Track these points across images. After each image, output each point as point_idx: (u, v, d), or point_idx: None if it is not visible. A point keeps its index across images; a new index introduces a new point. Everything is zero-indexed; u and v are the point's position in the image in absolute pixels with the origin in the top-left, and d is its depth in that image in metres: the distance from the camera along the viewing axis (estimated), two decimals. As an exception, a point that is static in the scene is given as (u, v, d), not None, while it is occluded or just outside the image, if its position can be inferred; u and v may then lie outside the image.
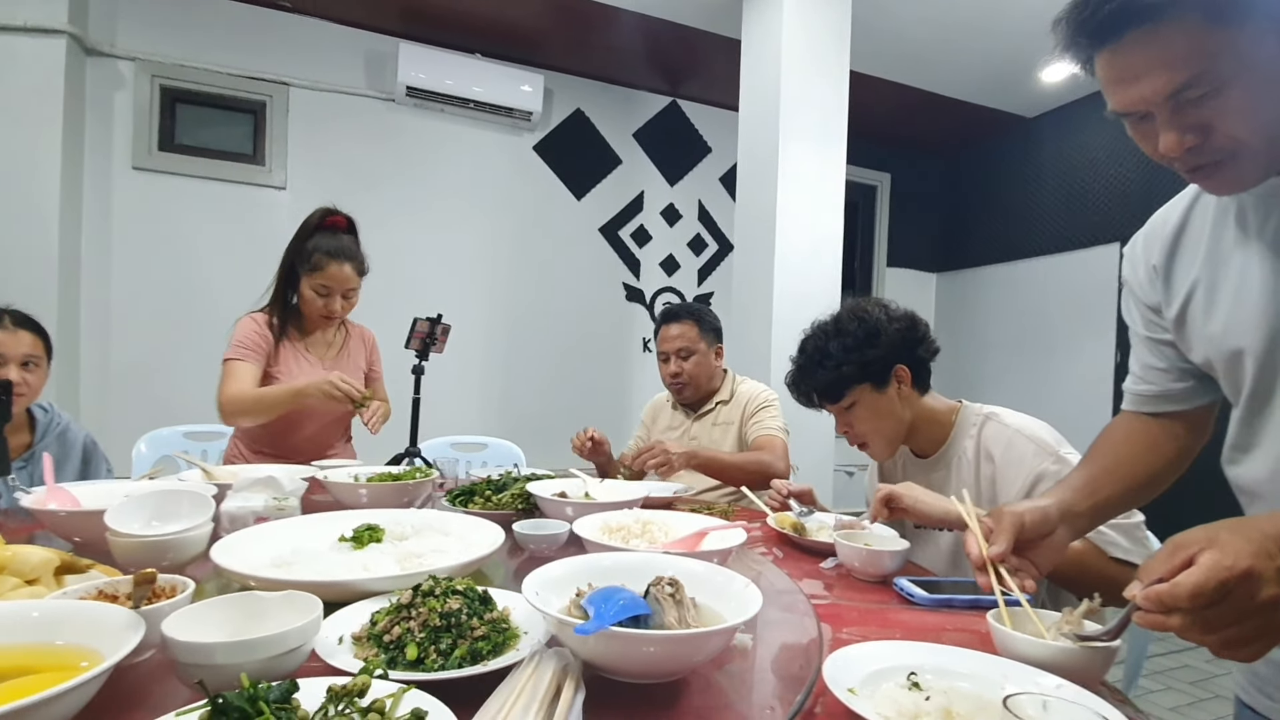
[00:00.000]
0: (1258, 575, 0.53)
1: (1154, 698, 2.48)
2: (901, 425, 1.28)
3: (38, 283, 2.74)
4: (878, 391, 1.26)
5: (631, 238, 4.25)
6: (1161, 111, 0.63)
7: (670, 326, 1.98)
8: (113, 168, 3.10)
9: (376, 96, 3.57)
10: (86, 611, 0.60)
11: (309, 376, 1.69)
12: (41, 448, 1.49)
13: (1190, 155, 0.64)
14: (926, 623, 0.88)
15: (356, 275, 1.76)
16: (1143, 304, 0.86)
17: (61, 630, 0.58)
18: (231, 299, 3.30)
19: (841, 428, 1.33)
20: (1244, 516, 0.59)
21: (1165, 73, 0.60)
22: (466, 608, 0.66)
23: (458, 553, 0.90)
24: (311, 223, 1.77)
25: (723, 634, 0.61)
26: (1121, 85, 0.64)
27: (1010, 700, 0.50)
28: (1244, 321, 0.72)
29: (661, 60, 3.87)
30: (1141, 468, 0.87)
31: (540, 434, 3.82)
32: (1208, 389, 0.85)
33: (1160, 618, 0.55)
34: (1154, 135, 0.65)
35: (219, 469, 1.43)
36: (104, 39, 3.05)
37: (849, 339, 1.26)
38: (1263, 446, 0.74)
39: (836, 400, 1.29)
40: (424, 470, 1.42)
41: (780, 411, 1.94)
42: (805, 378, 1.32)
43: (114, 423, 2.98)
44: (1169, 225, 0.81)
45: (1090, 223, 4.17)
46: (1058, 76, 3.93)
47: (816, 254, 2.93)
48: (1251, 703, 0.81)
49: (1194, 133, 0.62)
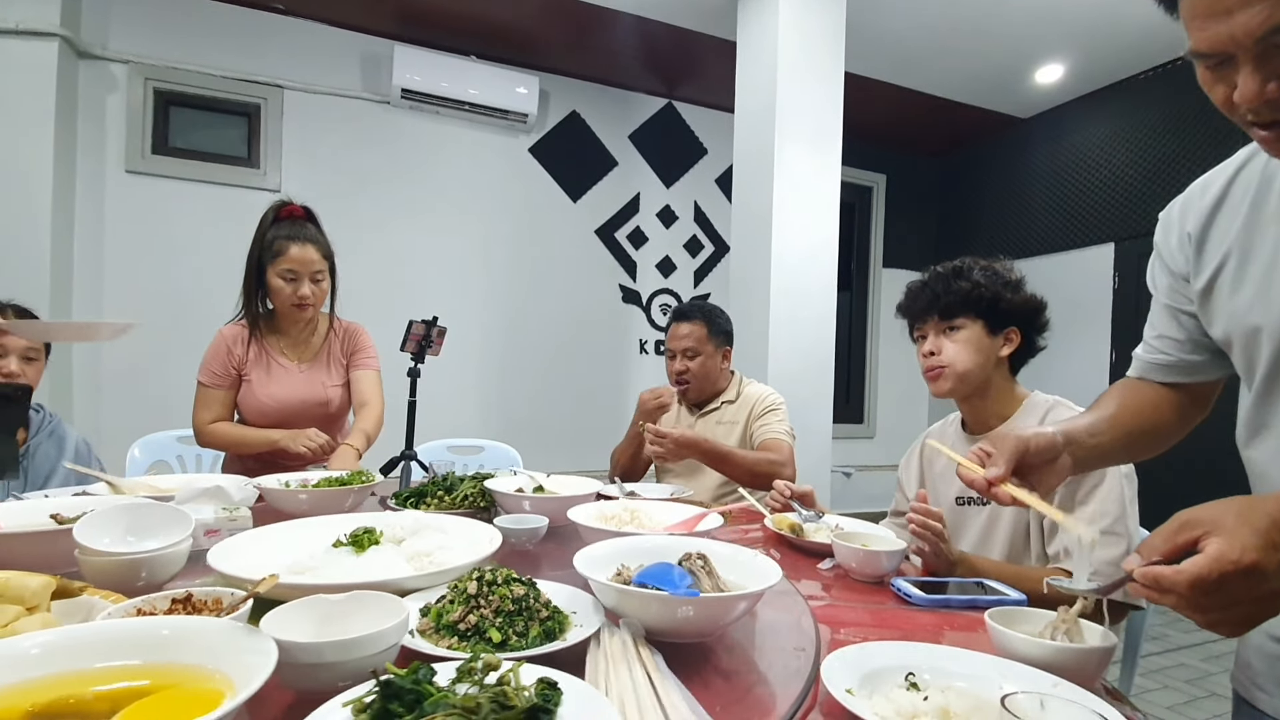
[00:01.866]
0: (1262, 570, 0.52)
1: (1151, 696, 2.49)
2: (982, 375, 1.28)
3: (30, 287, 2.72)
4: (986, 333, 1.28)
5: (628, 239, 4.25)
6: (1247, 55, 0.58)
7: (680, 325, 1.99)
8: (106, 171, 3.08)
9: (371, 99, 3.56)
10: (212, 629, 0.57)
11: (280, 382, 1.75)
12: (34, 445, 1.48)
13: (1266, 108, 0.59)
14: (924, 623, 0.87)
15: (321, 258, 1.72)
16: (1170, 271, 0.84)
17: (185, 649, 0.55)
18: (226, 303, 3.27)
19: (927, 349, 1.32)
20: (1253, 497, 0.58)
21: (1265, 9, 0.55)
22: (530, 593, 0.71)
23: (463, 549, 0.90)
24: (268, 218, 1.74)
25: (757, 594, 0.73)
26: (1211, 20, 0.58)
27: (1008, 700, 0.50)
28: (1269, 297, 0.70)
29: (657, 62, 3.88)
30: (1144, 421, 0.87)
31: (537, 436, 3.82)
32: (1217, 365, 0.84)
33: (1155, 595, 0.56)
34: (1229, 81, 0.60)
35: (157, 480, 1.34)
36: (96, 41, 3.04)
37: (993, 274, 1.29)
38: (1274, 429, 0.73)
39: (951, 316, 1.29)
40: (367, 475, 1.36)
41: (787, 415, 1.94)
42: (937, 281, 1.31)
43: (108, 427, 2.97)
44: (1209, 194, 0.79)
45: (1085, 223, 4.19)
46: (1052, 78, 3.95)
47: (813, 255, 2.94)
48: (1248, 697, 0.81)
49: (1277, 81, 0.58)
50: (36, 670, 0.51)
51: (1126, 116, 3.95)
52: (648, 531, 1.03)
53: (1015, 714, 0.47)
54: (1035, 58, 3.76)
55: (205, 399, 1.73)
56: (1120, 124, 3.99)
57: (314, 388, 1.79)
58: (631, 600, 0.70)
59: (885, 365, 5.09)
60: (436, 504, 1.28)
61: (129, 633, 0.56)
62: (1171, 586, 0.54)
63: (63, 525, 0.90)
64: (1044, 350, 1.35)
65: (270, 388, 1.74)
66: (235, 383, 1.75)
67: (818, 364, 2.97)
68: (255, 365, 1.75)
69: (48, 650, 0.53)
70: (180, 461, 2.05)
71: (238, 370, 1.75)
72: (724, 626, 0.75)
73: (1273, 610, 0.56)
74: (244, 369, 1.75)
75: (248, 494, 1.04)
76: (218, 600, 0.67)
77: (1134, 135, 3.91)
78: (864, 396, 5.09)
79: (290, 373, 1.78)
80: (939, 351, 1.30)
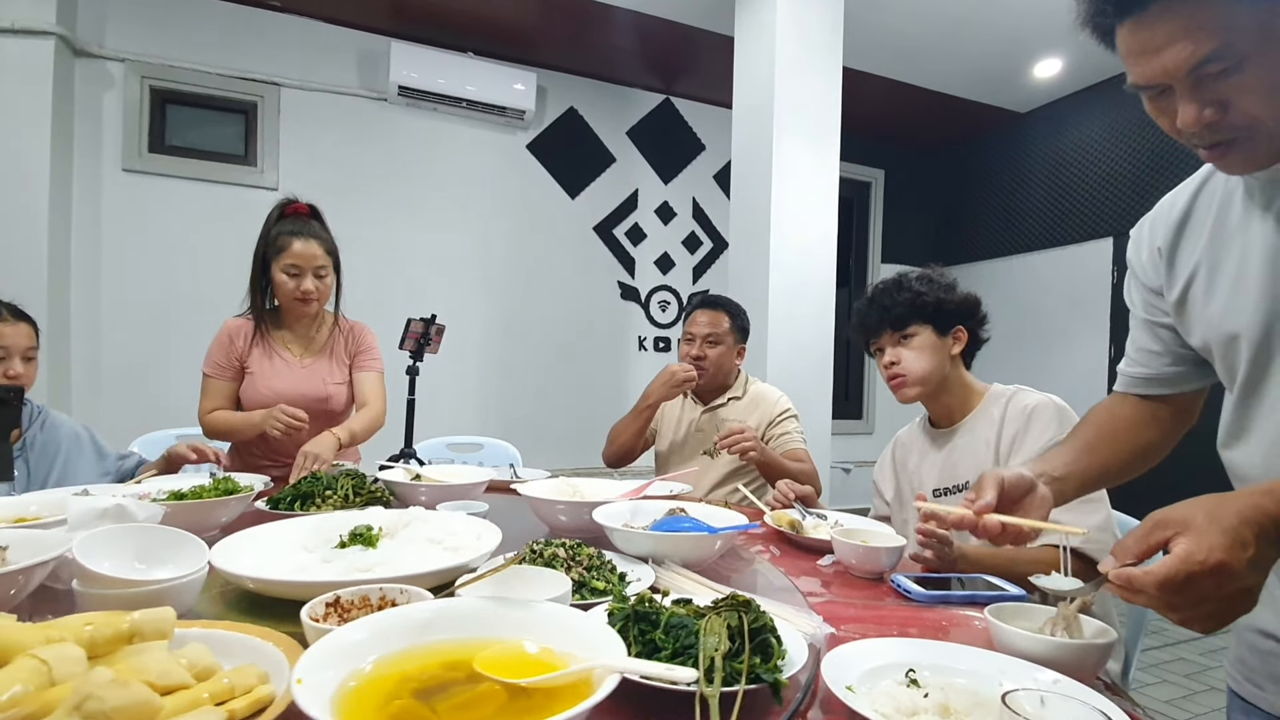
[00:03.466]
0: (1229, 569, 0.54)
1: (1149, 690, 2.50)
2: (940, 375, 1.37)
3: (27, 286, 2.71)
4: (936, 336, 1.38)
5: (626, 236, 4.25)
6: (1182, 85, 0.63)
7: (704, 312, 2.00)
8: (102, 170, 3.07)
9: (369, 96, 3.55)
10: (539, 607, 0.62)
11: (281, 375, 1.78)
12: (28, 439, 1.48)
13: (1208, 131, 0.64)
14: (923, 619, 0.88)
15: (324, 253, 1.76)
16: (1144, 287, 0.87)
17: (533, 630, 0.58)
18: (224, 301, 3.27)
19: (886, 360, 1.40)
20: (1224, 494, 0.60)
21: (1189, 45, 0.60)
22: (595, 555, 0.88)
23: (478, 535, 0.93)
24: (274, 215, 1.79)
25: (751, 527, 1.04)
26: (1144, 57, 0.64)
27: (1009, 697, 0.50)
28: (1242, 305, 0.73)
29: (655, 58, 3.87)
30: (1122, 446, 0.89)
31: (536, 433, 3.82)
32: (1199, 374, 0.86)
33: (1128, 594, 0.58)
34: (1172, 110, 0.66)
35: (43, 495, 1.10)
36: (92, 39, 3.03)
37: (931, 282, 1.40)
38: (1255, 433, 0.75)
39: (901, 327, 1.38)
40: (227, 483, 1.20)
41: (800, 423, 1.96)
42: (882, 296, 1.40)
43: (107, 426, 2.94)
44: (1175, 209, 0.82)
45: (1083, 217, 4.19)
46: (1050, 71, 3.95)
47: (811, 251, 2.93)
48: (1241, 692, 0.82)
49: (1213, 107, 0.63)
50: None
51: (1125, 110, 3.94)
52: (600, 500, 1.16)
53: (1016, 710, 0.47)
54: (1033, 52, 3.75)
55: (207, 389, 1.78)
56: (1119, 118, 3.98)
57: (315, 383, 1.81)
58: (683, 543, 0.95)
59: (884, 361, 5.09)
60: (323, 504, 1.21)
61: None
62: (1142, 587, 0.56)
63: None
64: (988, 341, 1.45)
65: (271, 380, 1.77)
66: (237, 374, 1.78)
67: (817, 360, 2.97)
68: (258, 358, 1.78)
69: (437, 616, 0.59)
70: (180, 461, 2.05)
71: (240, 362, 1.78)
72: (712, 556, 1.00)
73: (1245, 606, 0.57)
74: (246, 361, 1.78)
75: (152, 512, 0.89)
76: (365, 598, 0.66)
77: (1133, 129, 3.90)
78: (863, 392, 5.10)
79: (292, 367, 1.81)
80: (899, 360, 1.39)
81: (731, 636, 0.60)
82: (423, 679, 0.51)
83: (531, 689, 0.49)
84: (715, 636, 0.59)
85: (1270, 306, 0.70)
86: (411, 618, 0.58)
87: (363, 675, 0.50)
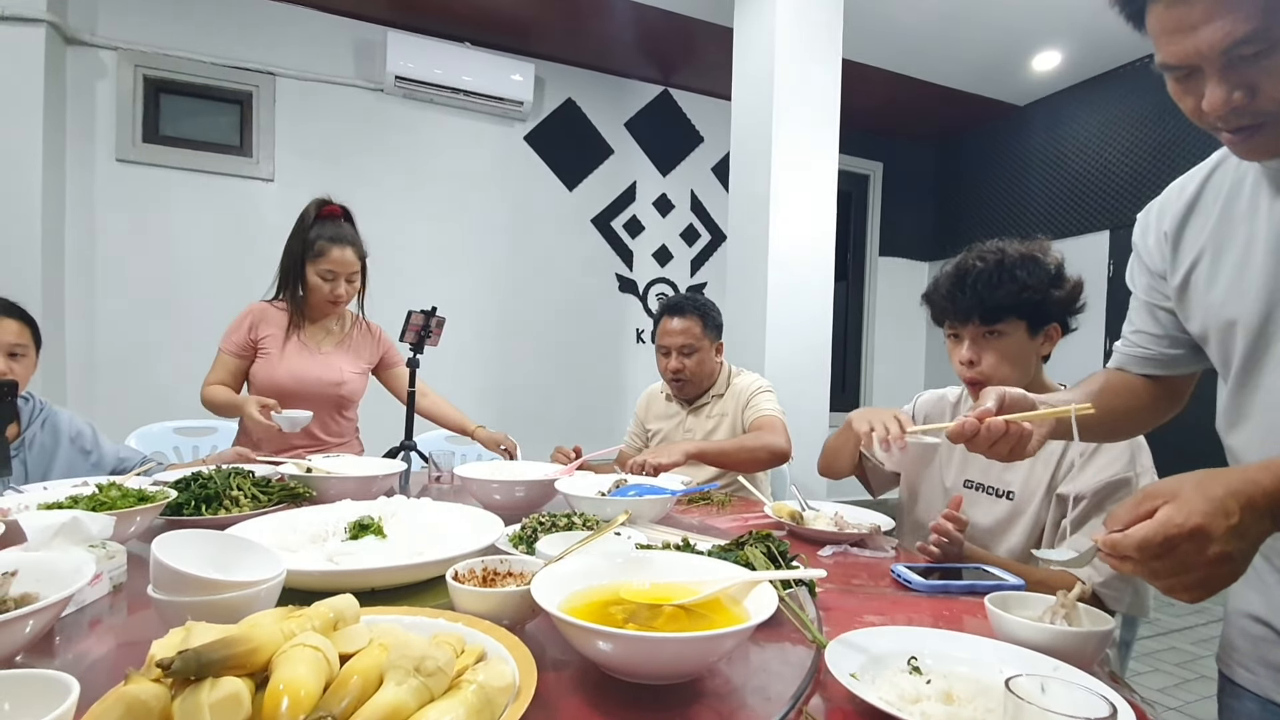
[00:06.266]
0: (1207, 533, 0.55)
1: (1143, 679, 2.53)
2: (1023, 383, 1.16)
3: (21, 278, 2.70)
4: (1028, 335, 1.20)
5: (624, 228, 4.24)
6: (1212, 66, 0.62)
7: (672, 320, 1.92)
8: (96, 160, 3.05)
9: (365, 86, 3.52)
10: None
11: (301, 360, 1.86)
12: (28, 437, 1.47)
13: (1233, 115, 0.64)
14: (925, 608, 0.89)
15: (357, 259, 1.86)
16: (1148, 269, 0.88)
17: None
18: (219, 292, 3.27)
19: (966, 355, 1.22)
20: (1219, 469, 0.61)
21: (1227, 23, 0.60)
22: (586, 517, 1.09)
23: (480, 518, 1.01)
24: (310, 214, 1.86)
25: (705, 486, 1.46)
26: (1178, 34, 0.63)
27: (1012, 682, 0.51)
28: (1244, 291, 0.73)
29: (653, 49, 3.85)
30: (1121, 402, 0.91)
31: (534, 425, 3.82)
32: (1192, 359, 0.88)
33: (1115, 561, 0.60)
34: (1198, 92, 0.65)
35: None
36: (84, 27, 3.00)
37: (1038, 267, 1.18)
38: (1253, 419, 0.76)
39: (994, 321, 1.18)
40: (136, 494, 1.11)
41: (775, 397, 1.94)
42: (979, 280, 1.18)
43: (103, 418, 2.92)
44: (1184, 195, 0.83)
45: (1081, 210, 4.20)
46: (1049, 65, 3.94)
47: (810, 243, 2.93)
48: (1232, 676, 0.84)
49: (1242, 90, 0.62)
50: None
51: (1123, 103, 3.95)
52: (539, 477, 1.33)
53: (1019, 696, 0.48)
54: (1032, 45, 3.74)
55: (217, 363, 1.85)
56: (1117, 111, 3.99)
57: (330, 370, 1.89)
58: (655, 504, 1.21)
59: (881, 354, 5.10)
60: (233, 505, 1.15)
61: None
62: (1124, 551, 0.58)
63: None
64: (1076, 331, 1.26)
65: (290, 363, 1.84)
66: (249, 355, 1.85)
67: (814, 352, 2.97)
68: (279, 342, 1.85)
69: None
70: (177, 453, 2.04)
71: (254, 344, 1.85)
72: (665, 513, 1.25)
73: (1230, 576, 0.58)
74: (261, 343, 1.85)
75: (104, 525, 0.85)
76: (486, 568, 0.78)
77: (1131, 122, 3.90)
78: (860, 385, 5.11)
79: (312, 353, 1.89)
80: (979, 361, 1.21)
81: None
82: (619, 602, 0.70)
83: (697, 612, 0.68)
84: (758, 559, 0.80)
85: (1271, 293, 0.71)
86: (610, 559, 0.77)
87: (575, 596, 0.70)
